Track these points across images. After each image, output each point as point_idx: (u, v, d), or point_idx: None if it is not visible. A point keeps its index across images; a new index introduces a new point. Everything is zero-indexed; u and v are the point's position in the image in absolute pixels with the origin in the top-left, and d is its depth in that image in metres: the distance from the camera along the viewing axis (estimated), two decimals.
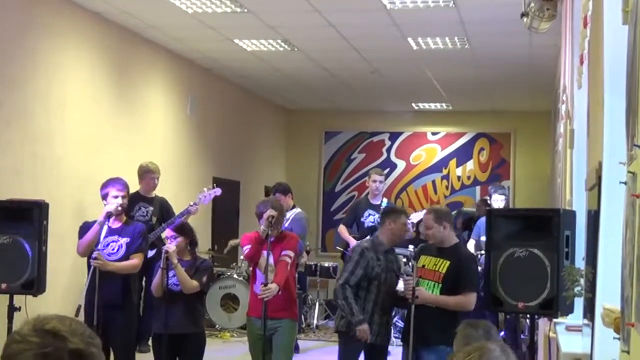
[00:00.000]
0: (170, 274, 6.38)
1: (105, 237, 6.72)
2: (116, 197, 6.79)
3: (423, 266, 6.17)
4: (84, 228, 6.86)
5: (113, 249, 6.74)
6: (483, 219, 8.25)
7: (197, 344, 6.59)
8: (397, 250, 10.91)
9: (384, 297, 6.45)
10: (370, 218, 9.88)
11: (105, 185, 6.93)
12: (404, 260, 11.05)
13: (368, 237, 8.16)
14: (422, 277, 6.12)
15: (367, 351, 6.57)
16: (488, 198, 10.43)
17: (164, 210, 8.90)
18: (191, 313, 6.47)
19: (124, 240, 6.76)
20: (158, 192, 9.15)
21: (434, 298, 6.01)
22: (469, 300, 6.02)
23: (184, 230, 6.61)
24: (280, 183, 9.58)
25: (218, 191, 8.87)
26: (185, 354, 6.50)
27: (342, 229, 10.05)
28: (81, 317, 6.37)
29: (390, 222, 6.63)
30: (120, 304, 6.67)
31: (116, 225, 6.82)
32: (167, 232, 6.65)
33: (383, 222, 6.77)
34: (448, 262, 6.04)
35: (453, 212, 7.90)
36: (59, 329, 1.62)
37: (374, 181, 10.02)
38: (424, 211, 9.33)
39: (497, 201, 10.05)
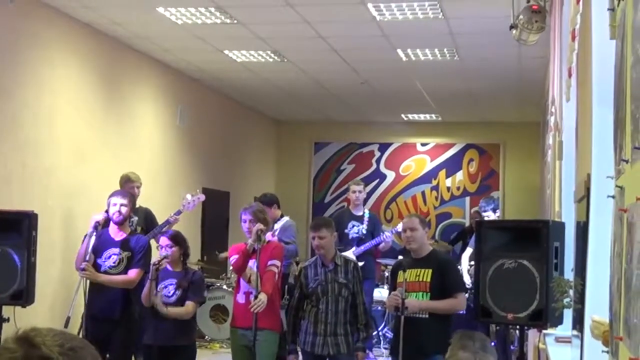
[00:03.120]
0: (161, 285, 6.37)
1: (108, 248, 6.70)
2: (115, 205, 6.79)
3: (405, 280, 6.14)
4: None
5: (114, 262, 6.71)
6: None
7: (188, 355, 6.57)
8: (386, 261, 11.01)
9: (332, 307, 6.39)
10: (354, 229, 9.94)
11: (109, 196, 6.96)
12: None
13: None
14: (407, 291, 6.10)
15: None
16: (481, 212, 10.49)
17: (148, 221, 8.88)
18: (182, 325, 6.46)
19: (125, 255, 6.74)
20: (147, 202, 9.12)
21: (425, 304, 6.01)
22: (460, 301, 6.13)
23: (178, 240, 6.61)
24: (264, 194, 9.52)
25: (202, 197, 8.83)
26: None
27: None
28: (73, 328, 6.35)
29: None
30: (118, 318, 6.63)
31: (119, 237, 6.80)
32: (162, 241, 6.63)
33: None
34: (430, 270, 6.08)
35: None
36: (34, 337, 1.65)
37: (354, 192, 10.22)
38: None
39: (492, 217, 10.12)
